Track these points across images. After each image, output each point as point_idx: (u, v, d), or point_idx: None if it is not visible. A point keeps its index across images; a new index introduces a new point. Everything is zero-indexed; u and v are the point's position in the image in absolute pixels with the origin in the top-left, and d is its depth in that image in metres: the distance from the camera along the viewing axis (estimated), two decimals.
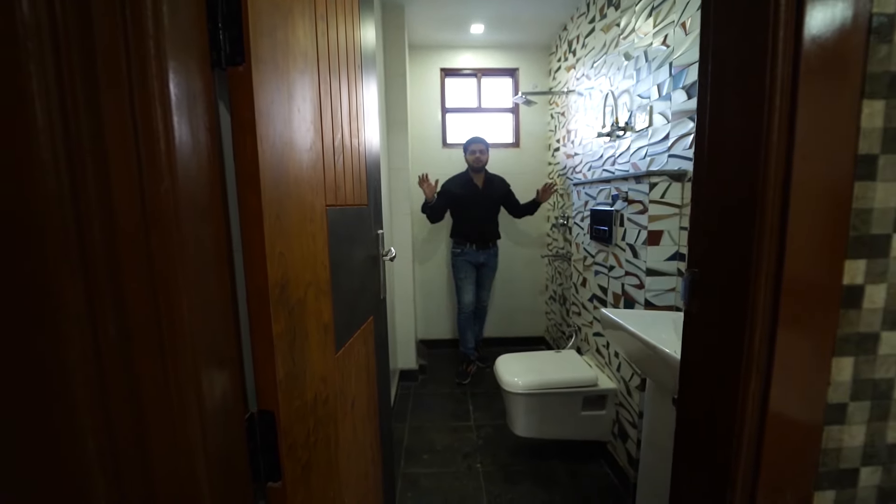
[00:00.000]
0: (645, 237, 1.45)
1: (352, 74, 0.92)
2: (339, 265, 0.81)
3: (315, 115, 0.69)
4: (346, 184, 0.85)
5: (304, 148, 0.64)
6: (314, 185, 0.68)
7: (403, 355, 2.70)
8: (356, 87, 0.96)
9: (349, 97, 0.90)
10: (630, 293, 1.57)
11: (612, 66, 1.96)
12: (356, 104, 0.95)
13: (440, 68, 3.04)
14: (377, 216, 1.14)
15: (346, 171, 0.85)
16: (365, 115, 1.03)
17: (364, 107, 1.02)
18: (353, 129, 0.91)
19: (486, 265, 2.74)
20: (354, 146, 0.92)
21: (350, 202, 0.89)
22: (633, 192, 1.53)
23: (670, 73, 1.47)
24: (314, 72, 0.70)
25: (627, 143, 1.81)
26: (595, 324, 1.94)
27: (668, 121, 1.50)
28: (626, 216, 1.59)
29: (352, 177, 0.90)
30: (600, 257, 1.85)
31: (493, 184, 2.70)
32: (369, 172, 1.06)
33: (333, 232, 0.77)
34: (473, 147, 2.59)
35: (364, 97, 1.02)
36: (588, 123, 2.28)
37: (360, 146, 0.97)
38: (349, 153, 0.88)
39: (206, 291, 0.45)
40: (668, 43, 1.48)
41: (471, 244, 2.66)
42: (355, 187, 0.93)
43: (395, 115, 2.48)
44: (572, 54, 2.55)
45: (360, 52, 1.01)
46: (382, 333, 1.21)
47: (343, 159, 0.84)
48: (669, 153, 1.49)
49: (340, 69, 0.84)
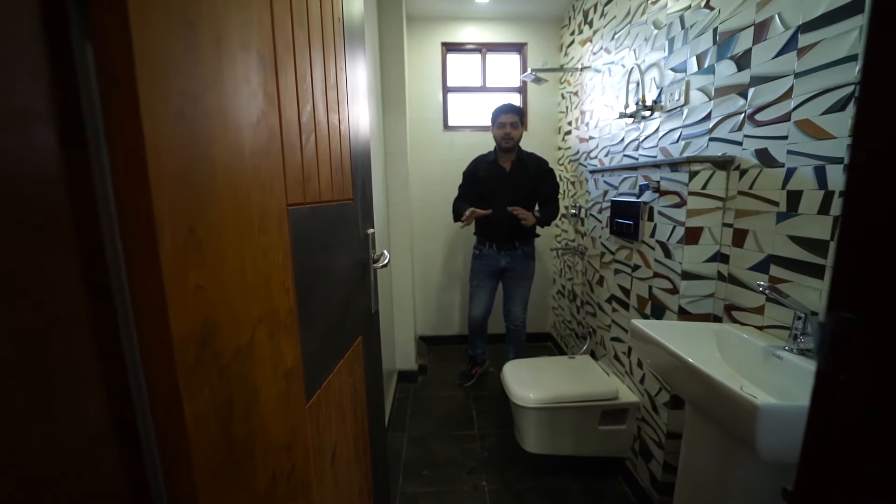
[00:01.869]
0: (681, 235, 1.24)
1: (328, 32, 0.70)
2: (310, 284, 0.60)
3: (267, 74, 0.48)
4: (319, 174, 0.64)
5: (246, 123, 0.43)
6: (265, 178, 0.47)
7: (402, 355, 2.52)
8: (336, 52, 0.74)
9: (325, 61, 0.68)
10: (660, 298, 1.37)
11: (637, 36, 1.72)
12: (335, 72, 0.73)
13: (441, 42, 2.78)
14: (366, 213, 0.93)
15: (319, 157, 0.64)
16: (350, 90, 0.81)
17: (348, 79, 0.80)
18: (330, 103, 0.69)
19: (511, 270, 2.23)
20: (333, 124, 0.71)
21: (327, 198, 0.68)
22: (666, 181, 1.32)
23: (714, 41, 1.25)
24: (265, 11, 0.48)
25: (655, 124, 1.58)
26: (613, 327, 1.75)
27: (709, 98, 1.28)
28: (656, 209, 1.38)
29: (329, 165, 0.69)
30: (622, 255, 1.65)
31: (525, 167, 2.15)
32: (355, 159, 0.85)
33: (301, 240, 0.57)
34: (503, 118, 2.09)
35: (347, 67, 0.80)
36: (606, 103, 2.05)
37: (341, 125, 0.76)
38: (325, 133, 0.67)
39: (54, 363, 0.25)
40: (713, 5, 1.25)
41: (490, 244, 2.21)
42: (335, 178, 0.72)
43: (391, 94, 2.24)
44: (588, 26, 2.29)
45: (343, 11, 0.79)
46: (375, 351, 1.02)
47: (316, 141, 0.63)
48: (711, 136, 1.27)
49: (312, 20, 0.62)
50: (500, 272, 2.28)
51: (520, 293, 2.27)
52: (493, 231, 2.19)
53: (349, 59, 0.82)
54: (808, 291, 0.95)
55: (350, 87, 0.82)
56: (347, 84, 0.80)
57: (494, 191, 2.15)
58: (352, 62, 0.84)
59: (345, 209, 0.78)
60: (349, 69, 0.81)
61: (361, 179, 0.90)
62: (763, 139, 1.07)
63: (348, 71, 0.81)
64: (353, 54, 0.85)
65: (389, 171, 2.31)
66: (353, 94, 0.85)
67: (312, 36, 0.62)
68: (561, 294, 2.86)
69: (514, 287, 2.27)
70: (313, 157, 0.62)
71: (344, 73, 0.78)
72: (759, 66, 1.08)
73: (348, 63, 0.81)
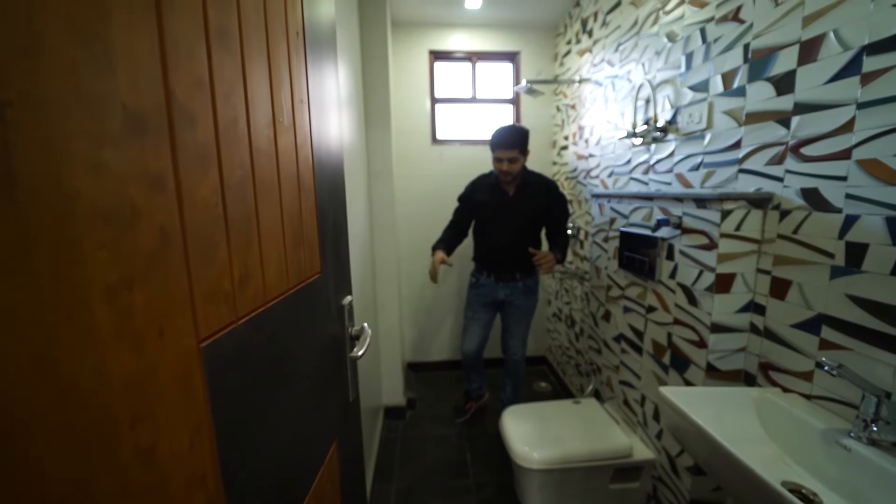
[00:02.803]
0: (710, 282, 1.08)
1: (279, 45, 0.51)
2: (250, 435, 0.41)
3: (148, 133, 0.28)
4: (263, 260, 0.45)
5: (91, 242, 0.24)
6: (149, 318, 0.28)
7: (389, 389, 2.32)
8: (292, 69, 0.54)
9: (275, 85, 0.48)
10: (683, 350, 1.21)
11: (647, 49, 1.57)
12: (291, 97, 0.53)
13: (429, 50, 2.59)
14: (341, 279, 0.73)
15: (263, 230, 0.45)
16: (315, 113, 0.62)
17: (312, 102, 0.61)
18: (283, 146, 0.50)
19: (510, 304, 2.00)
20: (288, 171, 0.51)
21: (278, 292, 0.48)
22: (691, 218, 1.15)
23: (745, 59, 1.09)
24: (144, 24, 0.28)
25: (669, 147, 1.43)
26: (623, 370, 1.59)
27: (738, 123, 1.12)
28: (677, 248, 1.22)
29: (281, 235, 0.49)
30: (633, 292, 1.48)
31: (531, 191, 1.89)
32: (324, 206, 0.65)
33: (227, 387, 0.37)
34: (499, 154, 1.78)
35: (312, 86, 0.61)
36: (609, 120, 1.89)
37: (301, 168, 0.56)
38: (273, 188, 0.47)
39: None
40: (743, 17, 1.09)
41: (488, 274, 1.99)
42: (292, 254, 0.52)
43: (375, 108, 2.04)
44: (587, 35, 2.14)
45: (304, 17, 0.60)
46: (354, 454, 0.82)
47: (256, 207, 0.43)
48: (741, 167, 1.11)
49: (250, 33, 0.43)
50: (498, 304, 2.06)
51: (519, 329, 2.05)
52: (492, 259, 1.97)
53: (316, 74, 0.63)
54: (875, 366, 0.79)
55: (316, 109, 0.62)
56: (311, 109, 0.60)
57: (496, 217, 1.91)
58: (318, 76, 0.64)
59: (310, 291, 0.58)
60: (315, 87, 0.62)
61: (333, 235, 0.70)
62: (812, 177, 0.92)
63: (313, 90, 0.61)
64: (320, 67, 0.66)
65: (374, 192, 2.11)
66: (321, 114, 0.65)
67: (251, 52, 0.43)
68: (557, 318, 2.70)
69: (513, 322, 2.05)
70: (251, 236, 0.42)
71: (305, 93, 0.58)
72: (806, 91, 0.93)
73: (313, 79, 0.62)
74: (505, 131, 1.79)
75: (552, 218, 1.93)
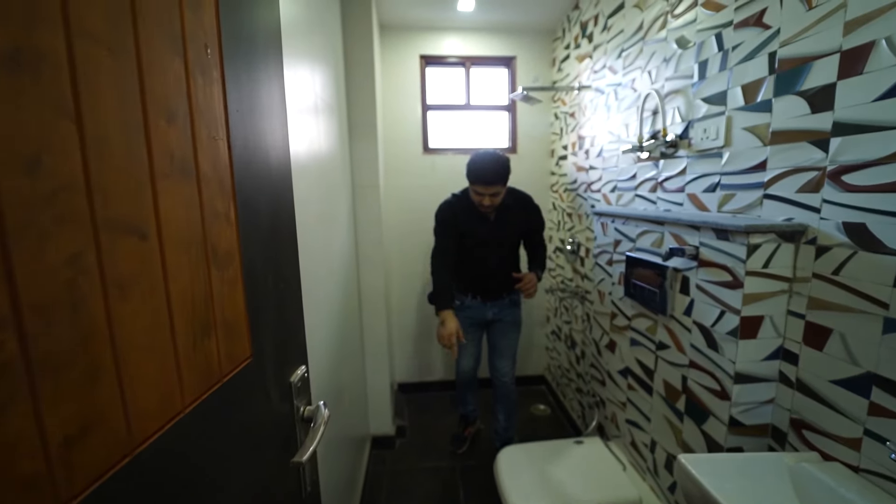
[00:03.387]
0: (734, 325, 0.94)
1: (163, 44, 0.36)
2: None
3: None
4: (125, 385, 0.30)
5: None
6: None
7: (376, 418, 2.17)
8: (194, 75, 0.40)
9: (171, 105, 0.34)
10: (701, 398, 1.06)
11: (654, 56, 1.43)
12: (190, 125, 0.39)
13: (420, 55, 2.45)
14: (288, 353, 0.58)
15: (122, 340, 0.30)
16: (242, 132, 0.47)
17: (231, 124, 0.46)
18: (168, 162, 0.35)
19: (499, 321, 1.92)
20: (179, 221, 0.37)
21: (158, 423, 0.33)
22: (709, 250, 1.01)
23: (771, 69, 0.95)
24: None
25: (680, 164, 1.29)
26: (630, 408, 1.44)
27: (763, 142, 0.98)
28: (693, 282, 1.08)
29: (168, 334, 0.35)
30: (641, 324, 1.34)
31: (511, 212, 1.79)
32: (254, 271, 0.50)
33: None
34: (479, 189, 1.62)
35: (230, 101, 0.46)
36: (612, 130, 1.76)
37: (211, 212, 0.41)
38: (146, 255, 0.33)
39: None
40: (768, 22, 0.96)
41: (474, 296, 1.89)
42: (192, 356, 0.38)
43: (360, 117, 1.90)
44: (587, 40, 2.00)
45: (219, 15, 0.45)
46: None
47: (100, 299, 0.28)
48: (766, 192, 0.97)
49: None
50: (486, 323, 1.97)
51: (508, 345, 1.95)
52: (479, 285, 1.88)
53: (247, 96, 0.48)
54: None
55: (243, 140, 0.48)
56: (233, 143, 0.46)
57: (481, 245, 1.79)
58: (250, 97, 0.50)
59: (231, 388, 0.43)
60: (243, 112, 0.47)
61: (276, 297, 0.56)
62: (857, 210, 0.78)
63: (239, 119, 0.46)
64: (254, 86, 0.51)
65: (359, 207, 1.96)
66: (253, 144, 0.51)
67: (97, 79, 0.28)
68: (556, 336, 2.56)
69: (501, 338, 1.95)
70: (96, 365, 0.27)
71: (222, 125, 0.44)
72: (849, 109, 0.79)
73: (241, 102, 0.47)
74: (488, 166, 1.58)
75: (530, 230, 1.90)
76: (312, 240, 1.13)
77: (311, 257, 1.11)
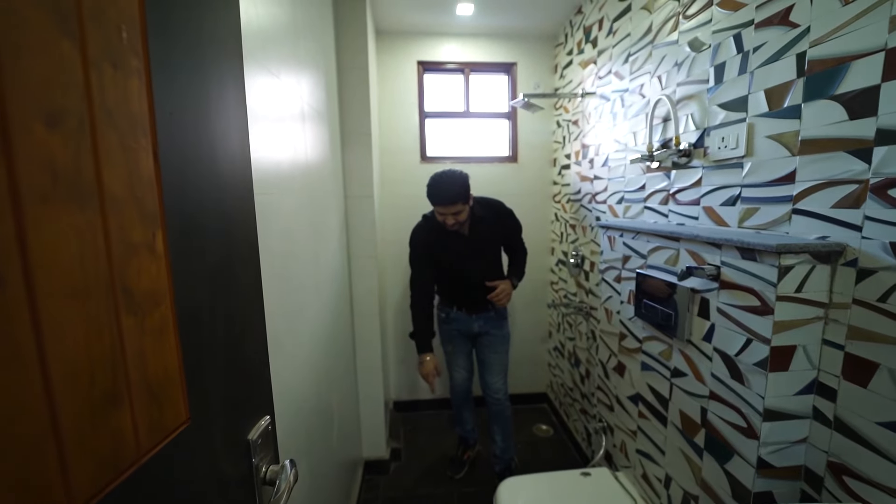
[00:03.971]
0: (764, 356, 0.84)
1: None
2: None
3: None
4: None
5: None
6: None
7: (370, 440, 2.05)
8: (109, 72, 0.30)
9: None
10: (724, 435, 0.96)
11: (664, 60, 1.35)
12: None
13: (417, 61, 2.38)
14: (246, 405, 0.48)
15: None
16: (181, 140, 0.38)
17: (158, 125, 0.37)
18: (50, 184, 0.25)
19: (487, 334, 1.87)
20: (72, 260, 0.27)
21: None
22: (733, 271, 0.91)
23: (801, 72, 0.86)
24: None
25: (694, 175, 1.20)
26: (641, 437, 1.33)
27: (791, 152, 0.89)
28: (714, 304, 0.98)
29: (47, 418, 0.25)
30: (654, 348, 1.24)
31: (485, 223, 1.76)
32: (194, 309, 0.41)
33: None
34: (440, 210, 1.62)
35: (171, 97, 0.37)
36: (618, 139, 1.67)
37: (120, 248, 0.32)
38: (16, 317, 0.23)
39: None
40: (796, 20, 0.87)
41: (458, 307, 1.86)
42: (92, 436, 0.28)
43: (353, 124, 1.82)
44: (591, 45, 1.92)
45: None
46: None
47: None
48: (795, 206, 0.88)
49: None
50: (473, 337, 1.92)
51: (498, 360, 1.89)
52: (463, 298, 1.84)
53: (193, 95, 0.39)
54: None
55: (181, 150, 0.39)
56: (162, 153, 0.36)
57: (460, 261, 1.77)
58: (196, 96, 0.40)
59: (159, 468, 0.33)
60: (181, 118, 0.38)
61: (229, 338, 0.46)
62: None
63: (178, 128, 0.37)
64: (198, 83, 0.42)
65: (351, 219, 1.87)
66: (194, 156, 0.41)
67: None
68: (559, 353, 2.45)
69: (491, 354, 1.89)
70: None
71: (147, 131, 0.34)
72: (893, 115, 0.70)
73: (179, 100, 0.38)
74: (445, 186, 1.58)
75: (508, 236, 1.86)
76: (296, 256, 1.03)
77: (294, 274, 1.01)
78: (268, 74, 0.89)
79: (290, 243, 0.99)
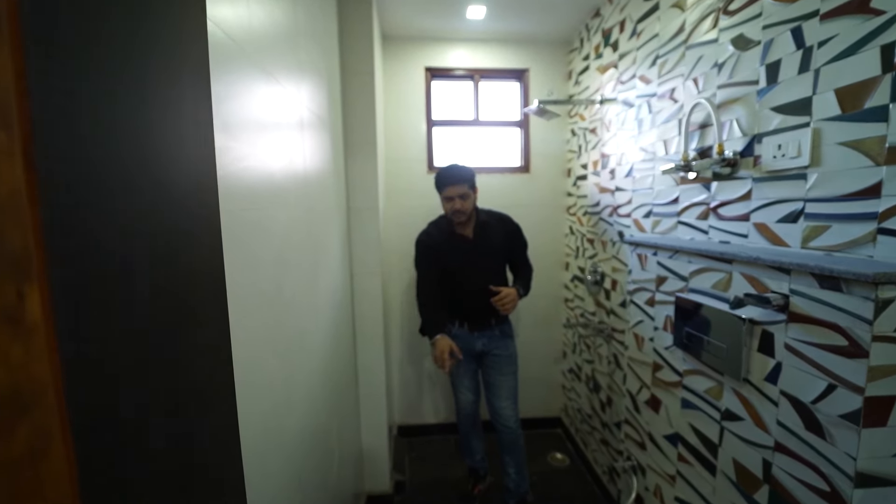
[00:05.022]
0: (855, 407, 0.69)
1: None
2: None
3: None
4: None
5: None
6: None
7: (372, 471, 1.89)
8: None
9: None
10: (796, 496, 0.80)
11: (699, 60, 1.22)
12: None
13: (425, 67, 2.27)
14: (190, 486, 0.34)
15: None
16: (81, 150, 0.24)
17: (45, 129, 0.23)
18: None
19: (491, 354, 1.76)
20: None
21: None
22: (805, 300, 0.77)
23: (886, 68, 0.73)
24: None
25: (741, 187, 1.06)
26: (680, 482, 1.17)
27: (874, 161, 0.75)
28: (781, 340, 0.83)
29: None
30: (699, 385, 1.09)
31: (490, 231, 1.73)
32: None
33: None
34: (448, 192, 1.63)
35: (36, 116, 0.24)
36: (645, 147, 1.54)
37: None
38: None
39: None
40: (878, 6, 0.74)
41: (461, 323, 1.76)
42: None
43: (357, 133, 1.70)
44: (611, 48, 1.80)
45: None
46: None
47: None
48: (881, 225, 0.74)
49: None
50: (477, 356, 1.79)
51: (507, 384, 1.76)
52: (465, 310, 1.75)
53: (59, 59, 0.26)
54: None
55: (80, 145, 0.25)
56: (35, 146, 0.23)
57: (463, 267, 1.72)
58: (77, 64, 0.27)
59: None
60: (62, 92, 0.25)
61: (170, 445, 0.32)
62: None
63: (37, 97, 0.24)
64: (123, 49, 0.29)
65: (354, 233, 1.74)
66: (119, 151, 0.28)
67: None
68: (575, 375, 2.29)
69: (498, 376, 1.76)
70: None
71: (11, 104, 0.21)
72: None
73: (53, 71, 0.25)
74: (450, 169, 1.66)
75: (514, 251, 1.80)
76: (290, 277, 0.90)
77: (288, 299, 0.87)
78: (261, 73, 0.76)
79: (282, 265, 0.85)
